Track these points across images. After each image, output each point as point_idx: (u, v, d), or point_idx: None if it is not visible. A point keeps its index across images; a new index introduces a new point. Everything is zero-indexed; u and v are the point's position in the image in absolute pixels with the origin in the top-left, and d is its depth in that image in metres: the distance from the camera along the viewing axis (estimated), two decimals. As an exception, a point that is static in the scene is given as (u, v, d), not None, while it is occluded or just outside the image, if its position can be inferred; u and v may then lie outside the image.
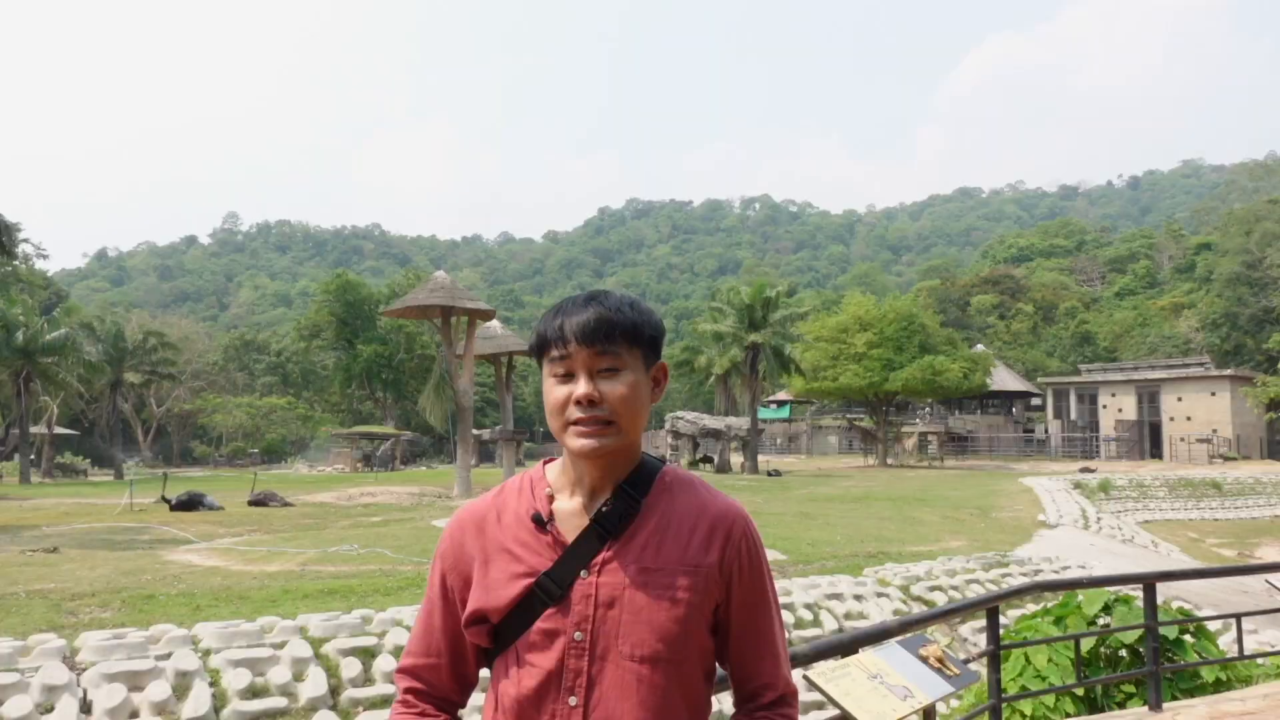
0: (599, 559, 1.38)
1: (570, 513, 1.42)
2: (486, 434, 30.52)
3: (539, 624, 1.36)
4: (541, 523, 1.41)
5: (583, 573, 1.37)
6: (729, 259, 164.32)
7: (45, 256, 63.50)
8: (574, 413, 1.37)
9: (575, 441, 1.37)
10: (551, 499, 1.44)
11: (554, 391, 1.40)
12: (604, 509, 1.40)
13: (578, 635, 1.34)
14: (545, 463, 1.53)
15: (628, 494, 1.41)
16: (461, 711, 1.52)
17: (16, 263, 53.55)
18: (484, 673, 1.52)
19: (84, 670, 6.06)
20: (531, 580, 1.38)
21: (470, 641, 1.46)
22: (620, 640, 1.34)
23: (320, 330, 63.82)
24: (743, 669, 1.45)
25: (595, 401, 1.36)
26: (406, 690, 1.49)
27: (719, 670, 1.49)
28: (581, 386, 1.37)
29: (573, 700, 1.33)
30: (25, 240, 55.05)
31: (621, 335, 1.39)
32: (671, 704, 1.34)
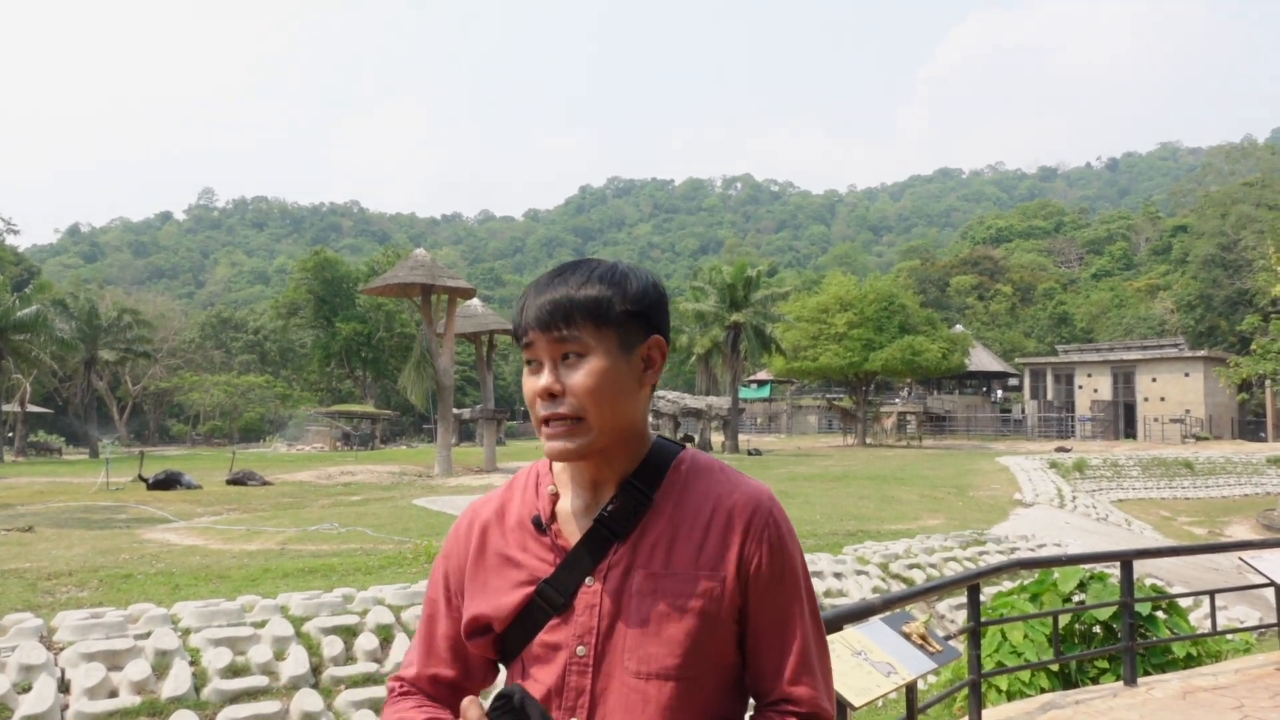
0: (604, 565, 1.23)
1: (573, 513, 1.28)
2: (467, 413, 30.42)
3: (542, 635, 1.23)
4: (541, 526, 1.28)
5: (587, 580, 1.23)
6: (710, 238, 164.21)
7: (16, 232, 62.19)
8: (540, 408, 1.22)
9: (546, 444, 1.22)
10: (556, 497, 1.30)
11: (526, 384, 1.24)
12: (608, 509, 1.25)
13: (580, 650, 1.21)
14: None
15: (635, 489, 1.25)
16: None
17: (-14, 238, 52.67)
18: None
19: (62, 650, 6.01)
20: (532, 589, 1.25)
21: (475, 653, 1.33)
22: (627, 656, 1.20)
23: (298, 308, 63.21)
24: (759, 680, 1.25)
25: (555, 394, 1.20)
26: (401, 693, 1.34)
27: None
28: (542, 378, 1.21)
29: None
30: (-5, 215, 53.96)
31: (583, 316, 1.20)
32: None
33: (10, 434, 43.75)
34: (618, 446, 1.25)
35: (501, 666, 1.36)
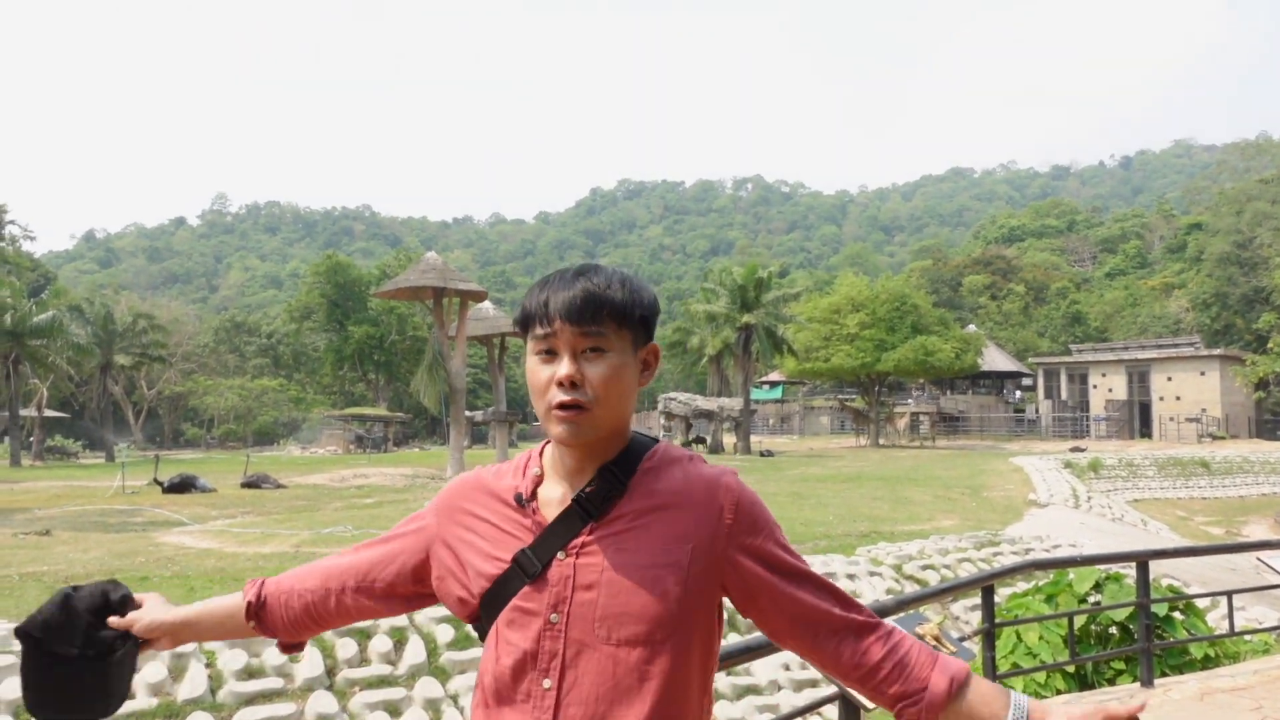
0: (578, 541, 1.33)
1: (553, 495, 1.38)
2: (479, 415, 30.52)
3: (516, 601, 1.33)
4: (522, 503, 1.38)
5: (560, 554, 1.33)
6: (721, 239, 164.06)
7: (32, 238, 62.73)
8: (556, 395, 1.31)
9: (555, 428, 1.32)
10: (539, 479, 1.40)
11: (537, 371, 1.34)
12: (586, 490, 1.35)
13: (553, 618, 1.30)
14: (548, 442, 1.47)
15: (612, 474, 1.36)
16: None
17: (3, 244, 53.18)
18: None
19: (79, 652, 6.05)
20: (509, 556, 1.35)
21: (459, 615, 1.44)
22: (597, 624, 1.29)
23: (311, 312, 63.54)
24: (812, 616, 1.35)
25: (577, 383, 1.30)
26: (343, 553, 1.53)
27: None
28: (564, 367, 1.31)
29: (547, 683, 1.29)
30: (11, 222, 54.63)
31: (609, 315, 1.31)
32: (649, 685, 1.28)
33: (28, 438, 44.11)
34: (611, 438, 1.37)
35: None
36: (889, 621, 3.64)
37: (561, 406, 1.30)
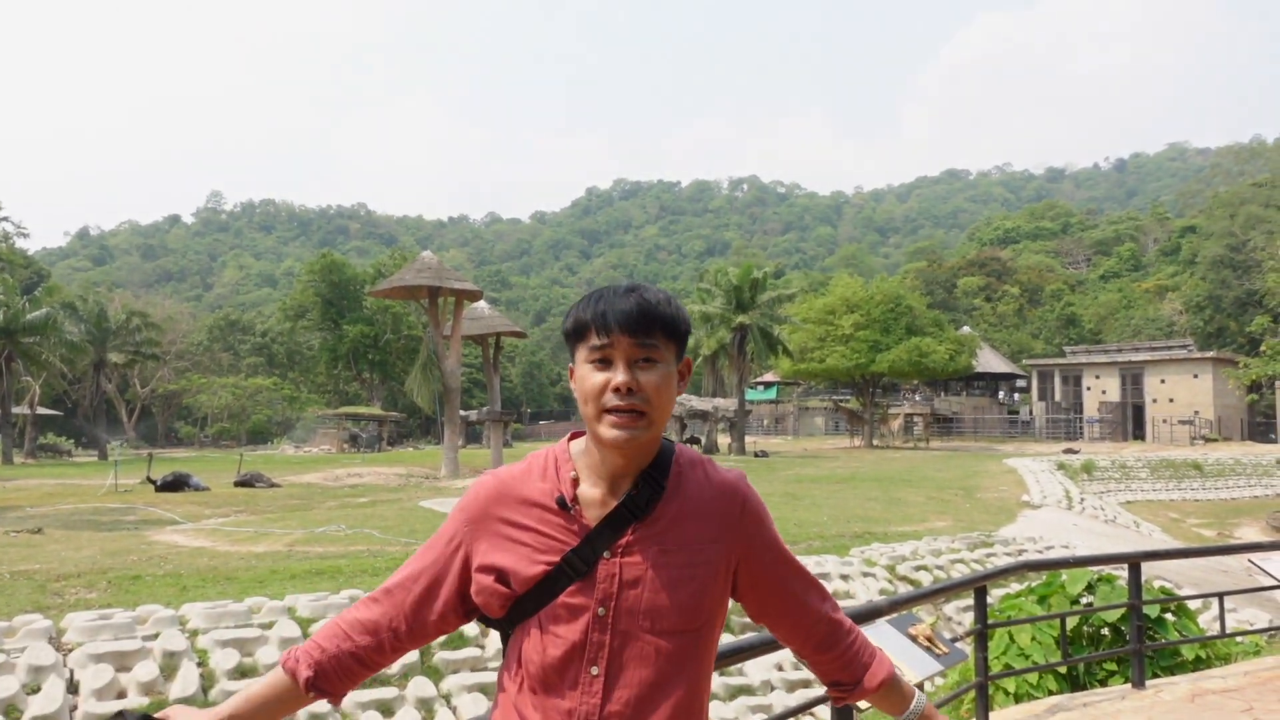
0: (623, 542, 1.44)
1: (594, 498, 1.47)
2: (474, 415, 30.44)
3: (563, 598, 1.42)
4: (565, 506, 1.45)
5: (606, 554, 1.43)
6: (717, 240, 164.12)
7: (25, 235, 62.26)
8: (610, 400, 1.41)
9: (609, 432, 1.41)
10: (576, 482, 1.48)
11: (590, 378, 1.43)
12: (633, 493, 1.46)
13: (601, 611, 1.41)
14: (570, 438, 1.55)
15: (653, 479, 1.47)
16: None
17: (-4, 241, 52.90)
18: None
19: (70, 650, 6.04)
20: (556, 558, 1.43)
21: (477, 602, 1.49)
22: (642, 616, 1.41)
23: (305, 310, 63.37)
24: (801, 610, 1.58)
25: (633, 390, 1.41)
26: (371, 599, 1.54)
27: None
28: (620, 375, 1.41)
29: (595, 670, 1.40)
30: (5, 218, 54.28)
31: (661, 328, 1.43)
32: (686, 669, 1.43)
33: (20, 436, 43.94)
34: (652, 443, 1.48)
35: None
36: (880, 621, 3.64)
37: (618, 411, 1.41)
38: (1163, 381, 48.28)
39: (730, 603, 1.55)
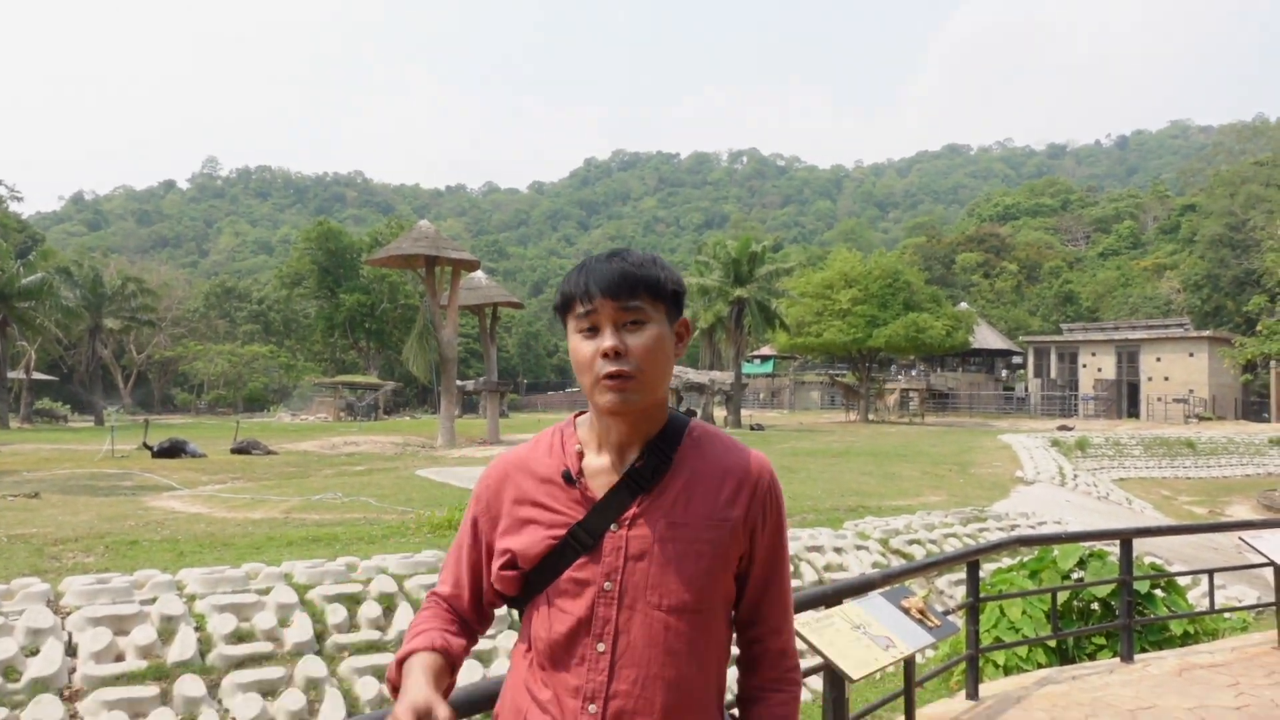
0: (629, 514, 1.42)
1: (599, 470, 1.46)
2: (470, 385, 30.44)
3: (570, 572, 1.41)
4: (570, 480, 1.45)
5: (613, 526, 1.41)
6: (715, 213, 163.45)
7: (19, 199, 62.04)
8: (602, 366, 1.39)
9: (603, 398, 1.40)
10: (581, 456, 1.47)
11: (581, 348, 1.42)
12: (636, 465, 1.44)
13: (607, 585, 1.39)
14: (576, 416, 1.55)
15: (659, 450, 1.45)
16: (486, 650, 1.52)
17: (-10, 205, 52.54)
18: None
19: (68, 614, 6.07)
20: (563, 532, 1.42)
21: (496, 588, 1.50)
22: (649, 591, 1.39)
23: (302, 278, 63.15)
24: (754, 620, 1.50)
25: (621, 353, 1.39)
26: (432, 603, 1.55)
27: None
28: (607, 339, 1.39)
29: (601, 646, 1.39)
30: (-1, 182, 53.81)
31: (645, 289, 1.41)
32: (696, 648, 1.40)
33: (16, 401, 43.91)
34: (654, 408, 1.45)
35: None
36: (873, 594, 3.67)
37: (609, 376, 1.38)
38: (1158, 360, 48.40)
39: None
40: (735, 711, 1.54)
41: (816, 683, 4.62)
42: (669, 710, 1.37)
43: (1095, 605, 6.21)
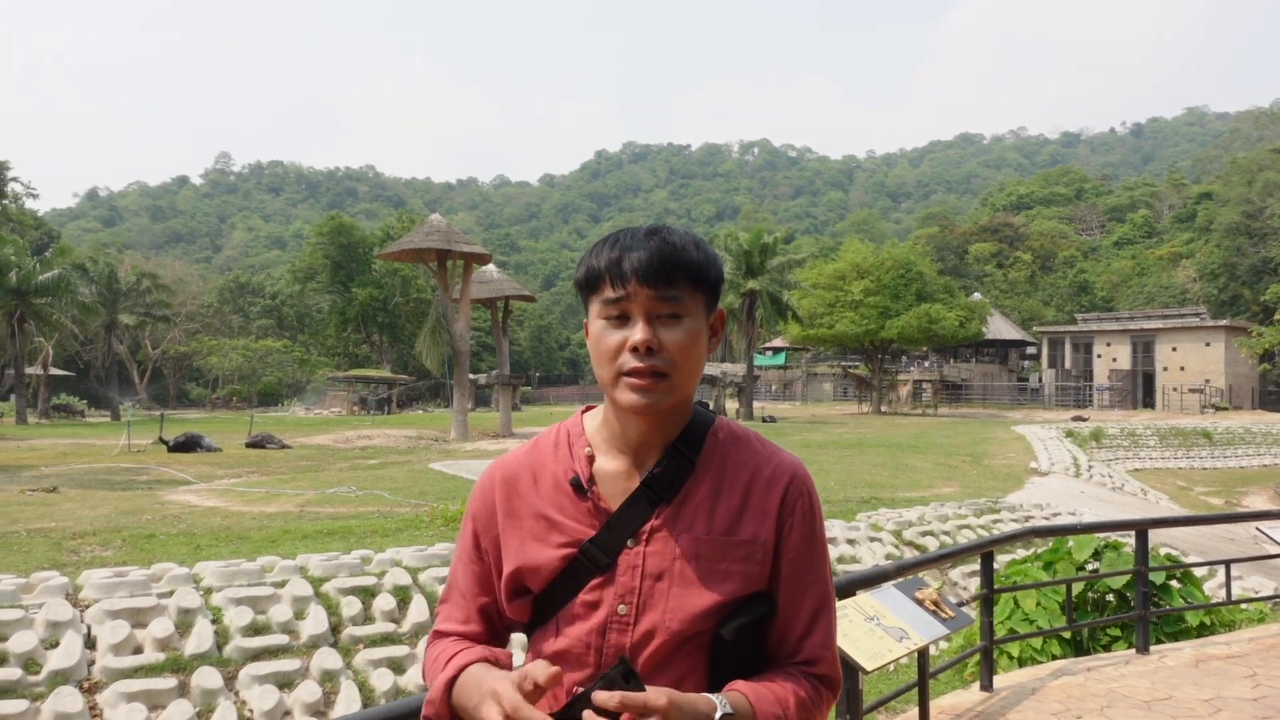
0: (647, 527, 1.24)
1: (613, 475, 1.28)
2: (483, 378, 30.52)
3: (582, 595, 1.24)
4: (581, 489, 1.27)
5: (629, 541, 1.24)
6: (727, 204, 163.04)
7: (35, 196, 62.39)
8: (628, 361, 1.21)
9: (626, 395, 1.21)
10: (592, 459, 1.29)
11: (606, 336, 1.23)
12: (655, 471, 1.26)
13: (621, 609, 1.22)
14: (584, 411, 1.37)
15: (681, 454, 1.27)
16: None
17: (6, 202, 52.95)
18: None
19: (87, 607, 6.13)
20: (574, 550, 1.25)
21: (509, 615, 1.33)
22: (667, 614, 1.21)
23: (315, 273, 63.39)
24: (785, 638, 1.28)
25: (654, 349, 1.20)
26: (445, 635, 1.36)
27: None
28: (639, 332, 1.20)
29: None
30: (14, 179, 54.24)
31: (686, 277, 1.22)
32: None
33: (34, 396, 44.32)
34: (678, 408, 1.27)
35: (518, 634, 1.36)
36: (887, 585, 3.64)
37: (637, 374, 1.21)
38: (1174, 349, 48.02)
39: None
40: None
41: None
42: None
43: (1110, 597, 6.18)
